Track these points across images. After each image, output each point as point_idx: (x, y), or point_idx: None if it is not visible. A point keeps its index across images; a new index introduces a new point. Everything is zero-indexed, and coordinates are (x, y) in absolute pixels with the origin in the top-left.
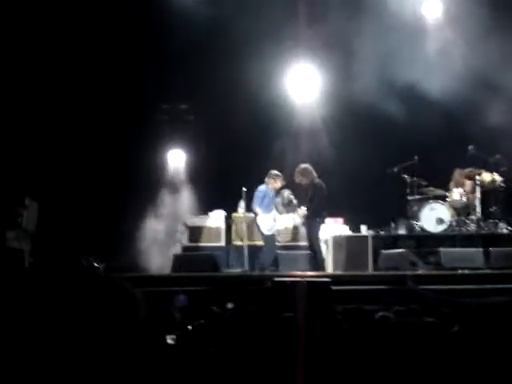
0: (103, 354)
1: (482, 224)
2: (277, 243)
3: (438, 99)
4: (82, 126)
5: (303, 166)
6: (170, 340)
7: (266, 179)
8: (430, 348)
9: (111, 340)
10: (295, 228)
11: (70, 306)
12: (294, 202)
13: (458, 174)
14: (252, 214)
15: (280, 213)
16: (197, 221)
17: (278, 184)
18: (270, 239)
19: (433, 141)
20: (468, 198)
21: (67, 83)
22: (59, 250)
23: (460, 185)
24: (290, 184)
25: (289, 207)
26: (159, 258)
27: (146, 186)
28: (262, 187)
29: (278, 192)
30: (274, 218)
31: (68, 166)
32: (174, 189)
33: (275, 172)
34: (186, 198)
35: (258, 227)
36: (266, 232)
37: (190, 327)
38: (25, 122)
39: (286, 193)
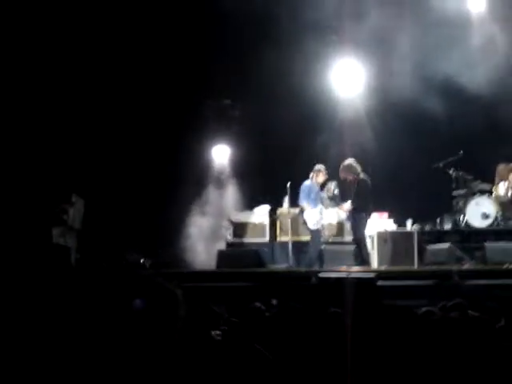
0: (144, 350)
1: None
2: (322, 238)
3: (483, 93)
4: (130, 123)
5: (348, 161)
6: (215, 335)
7: (311, 174)
8: (475, 342)
9: (152, 338)
10: (340, 223)
11: (112, 304)
12: (336, 194)
13: (502, 168)
14: (297, 210)
15: (326, 207)
16: (241, 216)
17: (322, 178)
18: (316, 234)
19: (478, 135)
20: None
21: (115, 79)
22: (105, 246)
23: (505, 179)
24: (334, 178)
25: (333, 201)
26: (204, 254)
27: (191, 181)
28: (306, 182)
29: (323, 186)
30: (320, 212)
31: (115, 163)
32: (219, 184)
33: (319, 166)
34: (230, 194)
35: (305, 222)
36: (313, 227)
37: (234, 322)
38: (73, 118)
39: (332, 186)
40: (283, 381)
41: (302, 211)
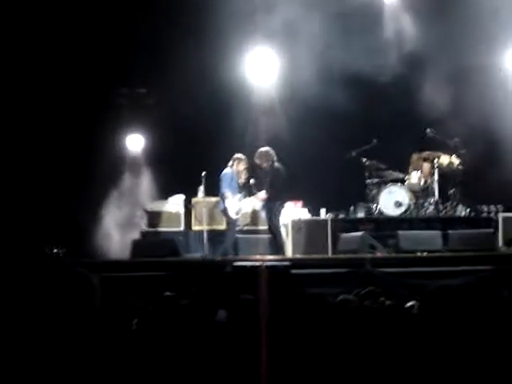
0: (62, 336)
1: (440, 207)
2: (237, 227)
3: (394, 82)
4: (39, 112)
5: (264, 149)
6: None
7: (230, 162)
8: (390, 330)
9: (69, 323)
10: (254, 212)
11: (29, 291)
12: (251, 182)
13: (415, 157)
14: (212, 199)
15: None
16: (156, 206)
17: (242, 167)
18: (233, 223)
19: (391, 124)
20: (426, 181)
21: (24, 64)
22: (19, 236)
23: (418, 168)
24: (250, 167)
25: (245, 189)
26: (119, 244)
27: (105, 171)
28: (227, 170)
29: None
30: (239, 201)
31: (25, 153)
32: (133, 174)
33: (239, 155)
34: (145, 183)
35: (226, 210)
36: (235, 216)
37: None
38: None
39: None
40: (199, 367)
41: (223, 199)
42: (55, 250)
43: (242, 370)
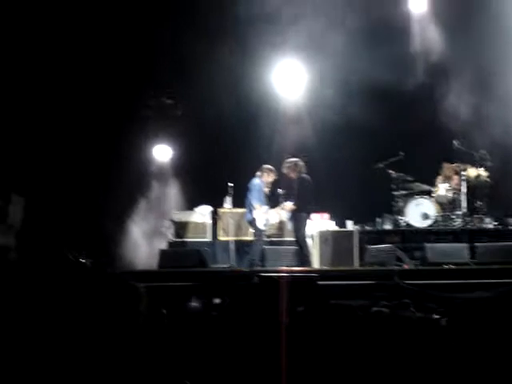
0: (107, 346)
1: (467, 219)
2: (264, 238)
3: (420, 93)
4: (69, 122)
5: (293, 159)
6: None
7: (259, 173)
8: (420, 341)
9: (114, 332)
10: (281, 223)
11: (67, 301)
12: (279, 192)
13: (446, 167)
14: (239, 210)
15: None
16: (183, 216)
17: (271, 178)
18: (261, 234)
19: (418, 136)
20: (453, 193)
21: (53, 76)
22: (45, 245)
23: (448, 178)
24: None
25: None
26: (146, 254)
27: (132, 181)
28: (256, 181)
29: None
30: (267, 212)
31: (55, 162)
32: (161, 184)
33: (268, 166)
34: (172, 194)
35: (254, 221)
36: (262, 227)
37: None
38: (10, 115)
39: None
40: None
41: (250, 210)
42: (81, 260)
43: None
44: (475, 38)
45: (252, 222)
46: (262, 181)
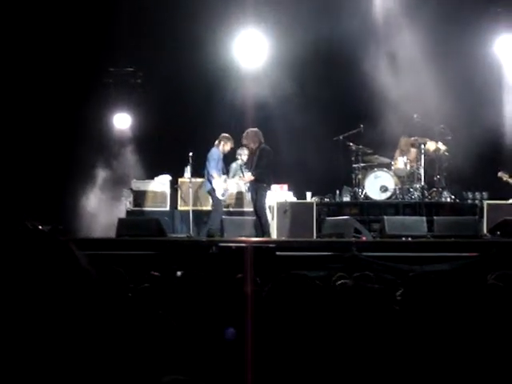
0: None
1: (425, 192)
2: (223, 208)
3: (381, 66)
4: (27, 88)
5: (252, 129)
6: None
7: (217, 142)
8: (379, 315)
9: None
10: (240, 193)
11: (13, 267)
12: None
13: (404, 141)
14: (199, 179)
15: (237, 174)
16: (142, 185)
17: (228, 146)
18: (220, 204)
19: (378, 109)
20: (412, 167)
21: (13, 40)
22: (2, 212)
23: (406, 152)
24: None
25: (245, 168)
26: (104, 222)
27: (91, 149)
28: (215, 150)
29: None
30: (225, 181)
31: (12, 129)
32: (120, 152)
33: (226, 135)
34: (131, 162)
35: (213, 191)
36: (220, 196)
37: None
38: None
39: (243, 153)
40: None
41: (209, 180)
42: (40, 227)
43: (228, 351)
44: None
45: (211, 192)
46: (219, 150)
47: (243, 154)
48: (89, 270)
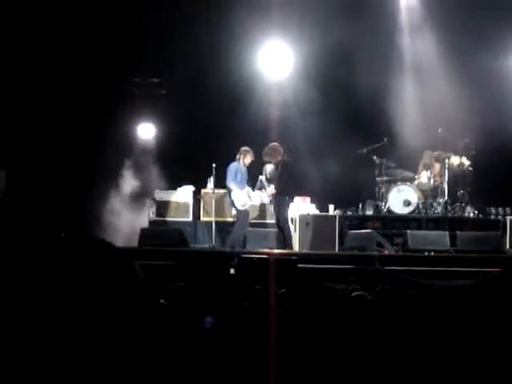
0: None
1: (448, 207)
2: (246, 220)
3: (406, 80)
4: (53, 97)
5: (271, 145)
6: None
7: (238, 156)
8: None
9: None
10: (263, 205)
11: (49, 274)
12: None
13: (427, 155)
14: (221, 190)
15: (262, 188)
16: (165, 195)
17: (248, 159)
18: (243, 215)
19: (402, 122)
20: (436, 181)
21: (40, 52)
22: (25, 219)
23: (429, 167)
24: (259, 159)
25: (270, 182)
26: (126, 232)
27: (115, 159)
28: (233, 163)
29: (249, 166)
30: (247, 194)
31: (38, 137)
32: (144, 163)
33: (246, 148)
34: (154, 173)
35: (233, 203)
36: (240, 207)
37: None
38: None
39: (268, 168)
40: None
41: (229, 192)
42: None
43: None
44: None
45: (232, 204)
46: (239, 163)
47: (268, 167)
48: (142, 278)
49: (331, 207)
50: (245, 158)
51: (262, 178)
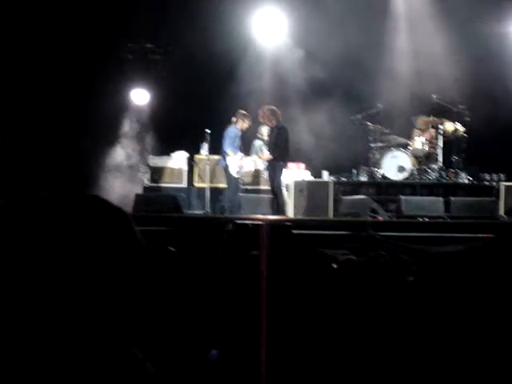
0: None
1: (443, 173)
2: (240, 186)
3: (400, 46)
4: (44, 62)
5: (269, 107)
6: None
7: (234, 119)
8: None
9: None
10: (257, 171)
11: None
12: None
13: (421, 120)
14: (215, 156)
15: (258, 152)
16: (159, 161)
17: (246, 124)
18: (235, 181)
19: (396, 89)
20: (430, 147)
21: (33, 17)
22: (17, 183)
23: (423, 132)
24: (252, 126)
25: (266, 145)
26: (120, 198)
27: (108, 124)
28: (232, 128)
29: (245, 131)
30: (241, 159)
31: (29, 102)
32: (137, 128)
33: (243, 112)
34: (148, 139)
35: (227, 168)
36: (235, 174)
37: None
38: None
39: (264, 130)
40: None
41: (224, 157)
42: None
43: (243, 326)
44: None
45: (226, 169)
46: (236, 127)
47: (264, 132)
48: (142, 241)
49: (325, 173)
50: (243, 123)
51: (259, 142)
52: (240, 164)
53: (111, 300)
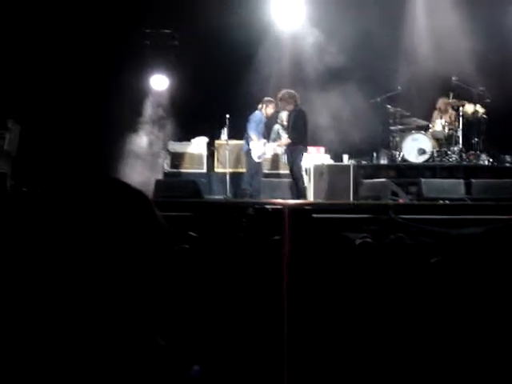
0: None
1: (463, 155)
2: (262, 171)
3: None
4: (65, 49)
5: (287, 91)
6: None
7: (260, 105)
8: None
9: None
10: (276, 155)
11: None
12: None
13: (442, 102)
14: (236, 142)
15: (278, 138)
16: (179, 147)
17: (271, 109)
18: (256, 166)
19: (416, 71)
20: (450, 129)
21: (51, 6)
22: (41, 173)
23: (443, 113)
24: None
25: (286, 130)
26: (141, 184)
27: (128, 111)
28: (257, 113)
29: (270, 118)
30: (264, 145)
31: (51, 90)
32: (157, 114)
33: (268, 98)
34: (168, 124)
35: (249, 152)
36: (257, 159)
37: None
38: (7, 45)
39: (284, 115)
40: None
41: (247, 141)
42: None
43: (265, 308)
44: None
45: (247, 153)
46: (262, 113)
47: (284, 118)
48: (163, 224)
49: (345, 157)
50: (267, 108)
51: (277, 127)
52: (263, 150)
53: (135, 283)
